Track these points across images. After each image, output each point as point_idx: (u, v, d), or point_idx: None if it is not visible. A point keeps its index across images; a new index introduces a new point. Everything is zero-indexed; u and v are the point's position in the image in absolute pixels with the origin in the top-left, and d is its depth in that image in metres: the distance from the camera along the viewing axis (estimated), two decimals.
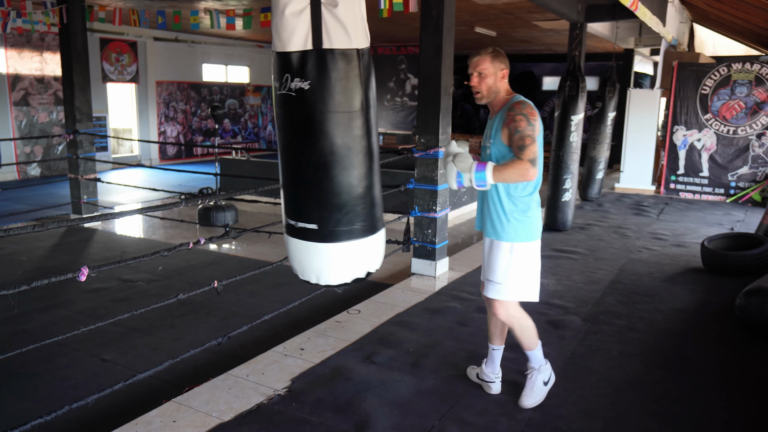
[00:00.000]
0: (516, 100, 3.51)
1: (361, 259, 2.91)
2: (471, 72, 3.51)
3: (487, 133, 3.63)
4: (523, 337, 3.76)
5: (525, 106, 3.46)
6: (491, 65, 3.49)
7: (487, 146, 3.59)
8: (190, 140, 17.96)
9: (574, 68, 8.48)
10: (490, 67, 3.49)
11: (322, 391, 3.95)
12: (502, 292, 3.63)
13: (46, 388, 4.26)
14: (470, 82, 3.52)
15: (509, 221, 3.54)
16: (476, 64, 3.49)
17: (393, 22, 12.40)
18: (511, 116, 3.41)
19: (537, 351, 3.82)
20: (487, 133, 3.61)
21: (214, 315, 5.60)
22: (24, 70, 13.76)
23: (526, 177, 3.31)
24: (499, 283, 3.62)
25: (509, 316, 3.70)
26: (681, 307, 5.76)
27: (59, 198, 10.72)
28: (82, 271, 3.17)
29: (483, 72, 3.49)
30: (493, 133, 3.54)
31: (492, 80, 3.51)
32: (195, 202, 6.38)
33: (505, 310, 3.69)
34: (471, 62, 3.51)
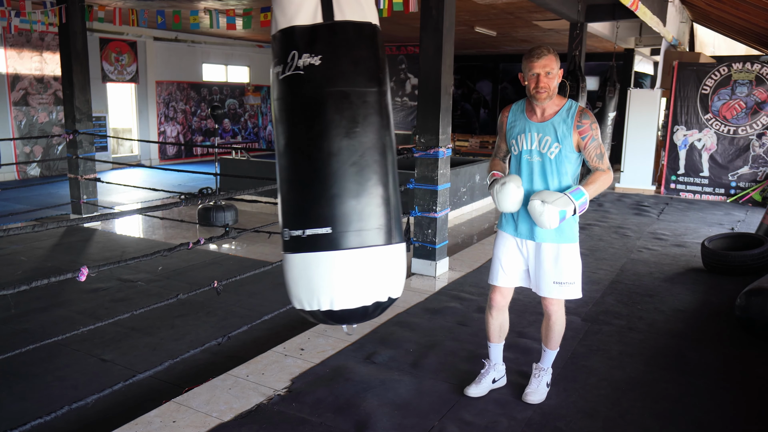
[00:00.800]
0: (580, 106, 3.56)
1: (381, 274, 2.52)
2: (538, 72, 3.44)
3: (544, 138, 3.56)
4: (558, 336, 3.87)
5: (592, 114, 3.58)
6: (556, 64, 3.48)
7: (549, 151, 3.55)
8: (190, 140, 17.96)
9: (575, 68, 8.48)
10: (556, 66, 3.48)
11: (322, 391, 3.95)
12: (576, 290, 3.72)
13: (46, 388, 4.25)
14: (537, 83, 3.44)
15: (573, 224, 3.65)
16: (545, 64, 3.43)
17: (393, 21, 12.39)
18: (587, 124, 3.49)
19: (556, 352, 3.96)
20: (545, 138, 3.56)
21: (214, 315, 5.60)
22: (24, 69, 13.75)
23: (608, 184, 3.53)
24: (572, 282, 3.68)
25: (560, 313, 3.82)
26: (681, 307, 5.76)
27: (59, 198, 10.71)
28: (81, 271, 3.17)
29: (551, 71, 3.45)
30: (559, 137, 3.52)
31: (557, 81, 3.50)
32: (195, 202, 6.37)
33: (560, 307, 3.80)
34: (537, 62, 3.43)
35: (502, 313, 3.90)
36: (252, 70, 19.84)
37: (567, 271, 3.65)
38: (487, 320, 3.92)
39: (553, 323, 3.81)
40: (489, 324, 3.92)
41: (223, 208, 8.43)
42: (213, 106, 10.74)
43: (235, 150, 15.82)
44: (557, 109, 3.54)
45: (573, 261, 3.66)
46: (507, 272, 3.77)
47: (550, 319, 3.82)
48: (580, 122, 3.49)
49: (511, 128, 3.69)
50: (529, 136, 3.59)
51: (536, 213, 3.34)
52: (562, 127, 3.51)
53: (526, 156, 3.61)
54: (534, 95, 3.49)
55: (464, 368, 4.30)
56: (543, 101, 3.50)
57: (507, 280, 3.79)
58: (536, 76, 3.45)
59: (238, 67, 19.43)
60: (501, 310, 3.88)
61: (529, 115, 3.62)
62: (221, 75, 18.96)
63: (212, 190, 10.14)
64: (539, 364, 3.96)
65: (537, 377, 3.92)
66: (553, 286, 3.67)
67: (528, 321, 5.26)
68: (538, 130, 3.57)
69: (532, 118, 3.60)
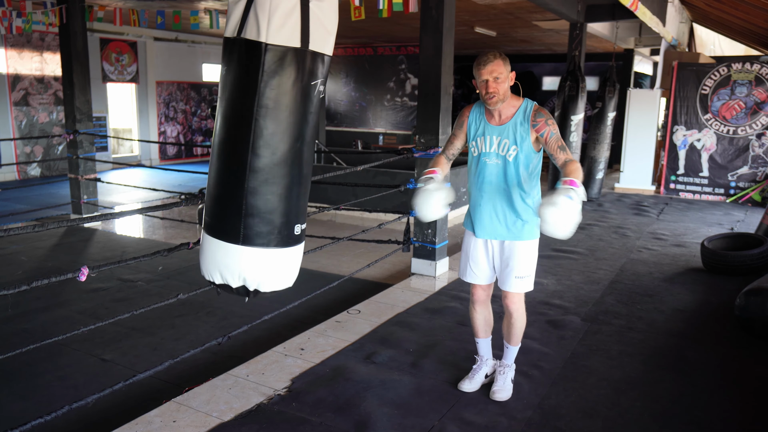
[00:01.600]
0: (535, 105, 3.60)
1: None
2: (486, 78, 3.47)
3: (502, 141, 3.61)
4: (520, 331, 3.93)
5: (546, 111, 3.61)
6: (504, 68, 3.49)
7: (508, 154, 3.59)
8: (190, 140, 17.96)
9: (574, 68, 8.49)
10: (504, 70, 3.49)
11: (322, 391, 3.95)
12: (529, 283, 3.77)
13: (46, 388, 4.26)
14: (486, 89, 3.48)
15: (532, 221, 3.66)
16: (492, 69, 3.45)
17: (393, 22, 12.40)
18: (541, 121, 3.52)
19: (518, 348, 4.02)
20: (503, 141, 3.60)
21: (214, 315, 5.60)
22: (24, 70, 13.76)
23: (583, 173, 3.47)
24: (527, 276, 3.74)
25: (522, 309, 3.87)
26: (681, 307, 5.76)
27: (59, 198, 10.72)
28: (82, 271, 3.17)
29: (500, 76, 3.47)
30: (517, 139, 3.57)
31: (507, 84, 3.52)
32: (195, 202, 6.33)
33: (522, 303, 3.85)
34: (484, 68, 3.47)
35: (485, 307, 3.98)
36: None
37: (522, 264, 3.71)
38: (471, 316, 4.01)
39: (515, 319, 3.85)
40: (474, 319, 4.00)
41: None
42: (213, 106, 10.74)
43: None
44: (514, 111, 3.59)
45: (530, 255, 3.74)
46: (476, 270, 3.86)
47: (512, 316, 3.86)
48: (535, 121, 3.53)
49: (471, 130, 3.72)
50: (488, 139, 3.63)
51: (569, 223, 3.08)
52: (519, 130, 3.55)
53: (485, 158, 3.66)
54: (486, 101, 3.53)
55: (465, 368, 4.30)
56: (495, 105, 3.54)
57: (479, 277, 3.88)
58: (485, 82, 3.48)
59: None
60: (483, 304, 3.97)
61: (488, 118, 3.65)
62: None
63: None
64: (503, 360, 4.00)
65: (502, 374, 3.97)
66: (515, 280, 3.74)
67: (528, 321, 5.22)
68: (497, 133, 3.61)
69: (490, 121, 3.64)
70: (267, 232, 2.76)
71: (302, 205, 2.89)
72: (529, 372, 4.27)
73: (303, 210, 2.91)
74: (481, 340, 4.05)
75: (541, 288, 6.18)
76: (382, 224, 6.42)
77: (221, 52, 2.72)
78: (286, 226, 2.81)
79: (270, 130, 2.66)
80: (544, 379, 4.19)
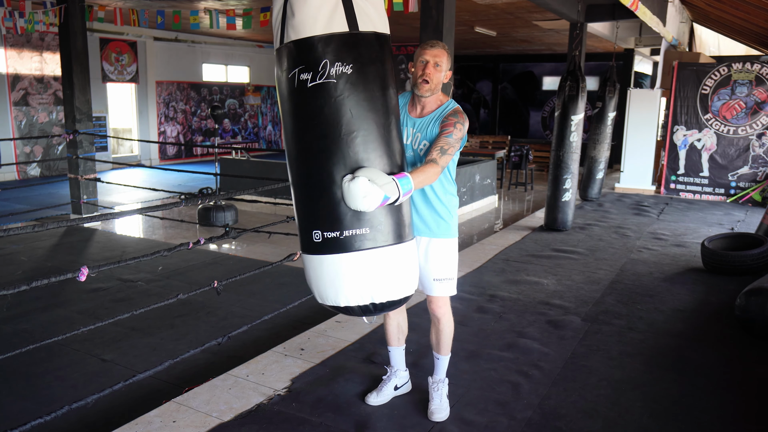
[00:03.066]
0: (458, 107, 3.38)
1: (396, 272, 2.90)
2: (427, 59, 3.28)
3: (416, 134, 3.39)
4: (449, 339, 3.66)
5: (465, 117, 3.36)
6: (447, 60, 3.33)
7: (421, 149, 3.37)
8: (190, 140, 17.95)
9: (574, 68, 8.47)
10: (446, 61, 3.32)
11: (322, 391, 3.94)
12: (452, 287, 3.53)
13: (46, 388, 4.25)
14: (423, 70, 3.28)
15: (450, 219, 3.48)
16: (436, 53, 3.28)
17: (393, 22, 12.37)
18: (452, 121, 3.27)
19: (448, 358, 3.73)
20: (417, 135, 3.39)
21: (214, 315, 5.60)
22: (24, 69, 13.75)
23: (433, 181, 3.17)
24: (447, 278, 3.50)
25: (449, 314, 3.62)
26: (681, 307, 5.76)
27: (59, 198, 10.72)
28: (81, 271, 3.16)
29: (440, 64, 3.29)
30: (428, 135, 3.34)
31: (442, 75, 3.33)
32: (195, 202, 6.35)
33: (447, 307, 3.59)
34: (429, 50, 3.29)
35: (399, 313, 3.73)
36: (252, 70, 19.84)
37: (444, 265, 3.48)
38: (385, 322, 3.78)
39: (443, 326, 3.59)
40: (386, 325, 3.77)
41: (223, 208, 8.43)
42: (213, 106, 10.75)
43: (235, 150, 15.82)
44: (436, 107, 3.39)
45: (450, 255, 3.51)
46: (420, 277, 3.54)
47: (439, 322, 3.59)
48: (447, 118, 3.30)
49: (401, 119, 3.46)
50: (406, 130, 3.41)
51: (359, 191, 2.74)
52: (432, 126, 3.34)
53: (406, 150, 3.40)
54: (417, 83, 3.32)
55: (464, 368, 4.30)
56: (424, 92, 3.32)
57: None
58: (424, 64, 3.29)
59: (238, 67, 19.43)
60: (397, 311, 3.69)
61: (410, 109, 3.46)
62: (221, 75, 18.96)
63: (212, 190, 10.14)
64: (435, 376, 3.72)
65: (437, 390, 3.70)
66: (435, 283, 3.49)
67: (528, 321, 5.27)
68: (412, 126, 3.41)
69: (411, 112, 3.45)
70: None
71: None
72: (529, 372, 4.27)
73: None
74: (393, 349, 3.82)
75: (541, 288, 6.18)
76: None
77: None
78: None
79: None
80: (544, 379, 4.19)
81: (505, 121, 20.26)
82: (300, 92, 2.73)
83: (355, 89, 2.72)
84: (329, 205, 2.82)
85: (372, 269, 2.87)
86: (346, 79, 2.70)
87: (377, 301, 2.91)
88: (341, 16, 2.69)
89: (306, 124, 2.77)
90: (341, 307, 2.97)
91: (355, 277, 2.86)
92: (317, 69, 2.68)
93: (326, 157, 2.78)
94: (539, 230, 8.88)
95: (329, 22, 2.69)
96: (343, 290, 2.90)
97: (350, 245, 2.82)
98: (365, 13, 2.76)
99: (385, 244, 2.87)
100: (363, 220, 2.81)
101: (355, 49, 2.72)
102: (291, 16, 2.69)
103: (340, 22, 2.69)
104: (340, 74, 2.69)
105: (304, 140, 2.81)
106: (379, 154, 2.86)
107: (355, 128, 2.75)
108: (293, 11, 2.67)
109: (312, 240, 2.88)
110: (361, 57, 2.73)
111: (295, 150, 2.88)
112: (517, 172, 13.96)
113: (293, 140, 2.88)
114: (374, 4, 2.84)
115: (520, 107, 19.98)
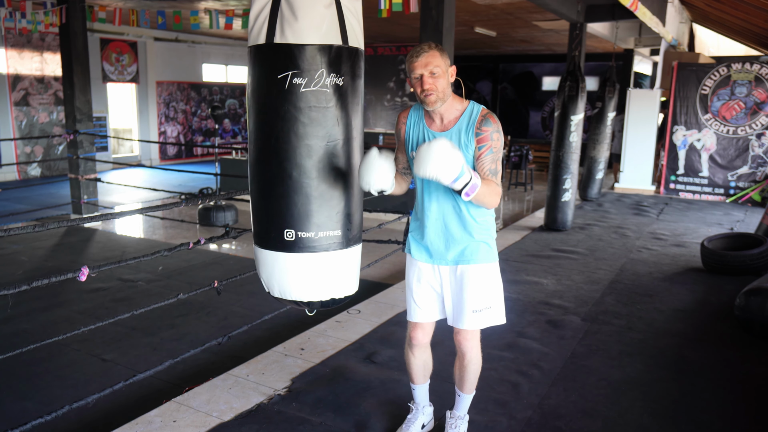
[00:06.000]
0: (483, 109, 3.00)
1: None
2: (421, 73, 2.86)
3: None
4: (476, 376, 3.34)
5: (496, 119, 3.01)
6: (442, 61, 2.88)
7: None
8: (190, 140, 17.95)
9: (574, 68, 8.47)
10: (442, 63, 2.88)
11: (322, 391, 3.95)
12: (490, 317, 3.17)
13: (46, 388, 4.26)
14: (422, 86, 2.88)
15: (488, 240, 3.13)
16: (427, 62, 2.85)
17: (393, 22, 12.40)
18: (487, 132, 2.93)
19: (472, 397, 3.44)
20: None
21: (215, 315, 5.60)
22: (24, 70, 13.76)
23: (494, 204, 2.94)
24: (487, 308, 3.13)
25: (478, 349, 3.28)
26: (681, 307, 5.76)
27: (59, 198, 10.72)
28: (82, 271, 3.17)
29: (436, 70, 2.86)
30: (462, 147, 2.97)
31: (445, 79, 2.91)
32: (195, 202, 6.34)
33: (478, 342, 3.25)
34: (417, 61, 2.86)
35: (425, 350, 3.39)
36: None
37: (485, 295, 3.12)
38: (409, 360, 3.40)
39: (468, 362, 3.25)
40: (411, 364, 3.40)
41: (224, 208, 8.44)
42: (213, 106, 10.74)
43: (236, 150, 15.81)
44: (459, 114, 2.99)
45: (493, 283, 3.15)
46: (422, 306, 3.23)
47: (464, 357, 3.25)
48: (480, 129, 2.93)
49: (410, 137, 3.08)
50: None
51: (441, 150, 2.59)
52: (464, 137, 2.96)
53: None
54: (423, 100, 2.91)
55: None
56: (434, 106, 2.91)
57: (424, 314, 3.25)
58: (420, 78, 2.88)
59: (239, 67, 19.42)
60: (424, 348, 3.37)
61: (428, 123, 3.03)
62: (221, 75, 18.96)
63: (212, 190, 10.15)
64: (455, 411, 3.44)
65: (454, 428, 3.41)
66: (471, 315, 3.12)
67: (528, 321, 5.27)
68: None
69: (431, 126, 3.03)
70: None
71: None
72: (528, 372, 4.28)
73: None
74: (418, 387, 3.47)
75: (540, 288, 6.18)
76: (382, 224, 6.41)
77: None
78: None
79: None
80: (544, 379, 4.19)
81: (505, 122, 20.22)
82: (290, 95, 2.76)
83: (343, 100, 2.80)
84: (306, 205, 2.88)
85: (336, 269, 2.97)
86: (336, 90, 2.78)
87: (336, 297, 3.02)
88: (336, 29, 2.75)
89: (292, 127, 2.80)
90: (303, 302, 3.04)
91: (322, 275, 2.95)
92: (314, 76, 2.73)
93: (308, 159, 2.84)
94: (539, 230, 8.88)
95: (328, 33, 2.74)
96: (308, 287, 2.99)
97: (321, 246, 2.91)
98: (353, 28, 2.83)
99: (348, 246, 2.99)
100: (335, 221, 2.90)
101: (347, 62, 2.80)
102: (292, 19, 2.70)
103: (335, 35, 2.75)
104: (333, 84, 2.77)
105: (288, 141, 2.84)
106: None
107: (339, 136, 2.82)
108: (295, 14, 2.69)
109: (283, 238, 2.95)
110: (350, 70, 2.82)
111: (275, 149, 2.90)
112: (516, 172, 13.97)
113: (272, 140, 2.89)
114: (359, 21, 2.89)
115: (519, 107, 19.98)
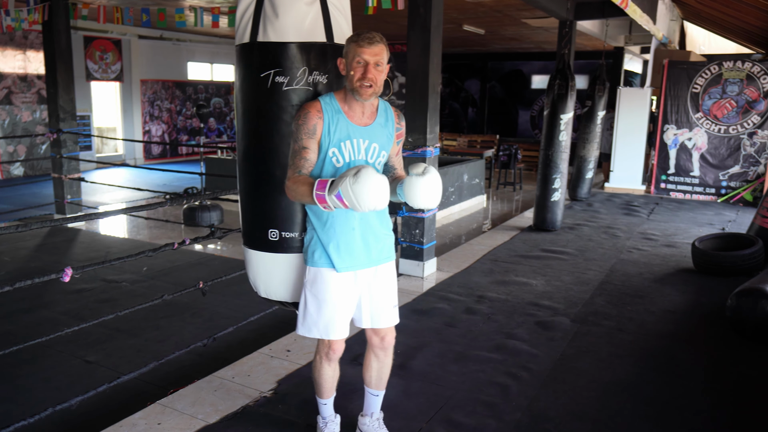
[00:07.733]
0: (392, 106, 2.99)
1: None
2: (368, 60, 2.70)
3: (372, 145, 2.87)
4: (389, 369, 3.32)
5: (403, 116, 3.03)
6: (386, 56, 2.78)
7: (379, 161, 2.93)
8: (175, 139, 17.85)
9: (564, 66, 8.44)
10: (386, 59, 2.77)
11: (309, 393, 3.89)
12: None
13: (30, 390, 4.20)
14: (364, 73, 2.71)
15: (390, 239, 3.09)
16: (377, 52, 2.71)
17: (380, 19, 12.35)
18: (403, 128, 2.97)
19: None
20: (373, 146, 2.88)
21: (200, 316, 5.54)
22: (7, 68, 13.62)
23: None
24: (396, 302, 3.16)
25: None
26: (671, 308, 5.74)
27: (43, 198, 10.62)
28: (65, 272, 3.14)
29: (381, 64, 2.73)
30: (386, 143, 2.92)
31: (384, 75, 2.78)
32: (180, 201, 6.29)
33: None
34: (369, 48, 2.69)
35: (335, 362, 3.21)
36: None
37: (394, 292, 3.11)
38: (325, 375, 3.20)
39: (389, 358, 3.24)
40: (327, 378, 3.22)
41: (209, 208, 8.37)
42: (198, 105, 10.67)
43: (221, 149, 15.74)
44: (374, 110, 2.89)
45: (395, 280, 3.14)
46: (346, 318, 3.02)
47: (387, 355, 3.22)
48: (399, 124, 2.94)
49: (331, 132, 2.78)
50: (356, 143, 2.82)
51: (438, 185, 2.66)
52: (385, 132, 2.89)
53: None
54: (358, 89, 2.72)
55: (452, 369, 4.26)
56: (368, 98, 2.75)
57: (346, 327, 3.04)
58: (364, 65, 2.70)
59: (224, 66, 19.30)
60: (337, 361, 3.21)
61: (348, 116, 2.81)
62: (206, 73, 18.85)
63: (197, 190, 10.08)
64: (374, 413, 3.39)
65: (382, 428, 3.40)
66: (393, 310, 3.10)
67: (517, 322, 5.23)
68: (364, 136, 2.85)
69: (353, 119, 2.82)
70: None
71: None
72: (518, 374, 4.24)
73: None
74: (329, 400, 3.34)
75: (530, 289, 6.14)
76: None
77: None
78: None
79: None
80: (533, 381, 4.16)
81: (494, 120, 20.26)
82: (272, 94, 2.77)
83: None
84: (290, 205, 2.88)
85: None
86: (320, 88, 2.78)
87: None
88: (321, 26, 2.74)
89: (274, 126, 2.80)
90: (289, 302, 3.07)
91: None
92: (296, 75, 2.74)
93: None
94: (528, 230, 8.85)
95: (312, 31, 2.73)
96: (293, 287, 3.04)
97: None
98: (339, 26, 2.82)
99: None
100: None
101: (332, 60, 2.79)
102: (273, 17, 2.68)
103: (320, 32, 2.75)
104: (316, 82, 2.77)
105: (270, 140, 2.83)
106: None
107: None
108: (276, 12, 2.68)
109: (268, 238, 2.93)
110: (335, 68, 2.81)
111: (258, 149, 2.89)
112: (505, 171, 13.95)
113: (255, 139, 2.89)
114: (346, 18, 2.89)
115: (508, 106, 19.98)
